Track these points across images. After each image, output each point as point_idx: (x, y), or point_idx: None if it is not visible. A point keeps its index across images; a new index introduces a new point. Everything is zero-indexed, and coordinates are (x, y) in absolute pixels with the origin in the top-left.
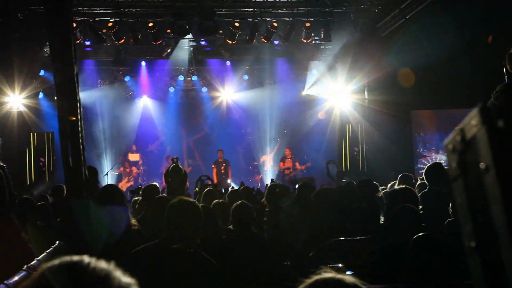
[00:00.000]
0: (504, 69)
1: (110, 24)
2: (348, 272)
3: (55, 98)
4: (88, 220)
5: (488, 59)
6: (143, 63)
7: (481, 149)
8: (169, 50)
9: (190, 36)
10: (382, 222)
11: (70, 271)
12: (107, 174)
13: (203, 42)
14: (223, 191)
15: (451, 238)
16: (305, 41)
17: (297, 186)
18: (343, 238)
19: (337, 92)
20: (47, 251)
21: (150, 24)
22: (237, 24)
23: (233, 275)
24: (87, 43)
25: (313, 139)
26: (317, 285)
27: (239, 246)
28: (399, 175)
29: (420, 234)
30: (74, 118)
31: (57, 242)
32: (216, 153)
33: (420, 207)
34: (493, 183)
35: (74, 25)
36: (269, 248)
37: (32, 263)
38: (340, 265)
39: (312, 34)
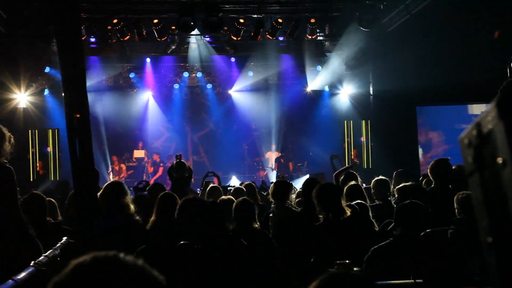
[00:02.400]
0: (511, 64)
1: (115, 21)
2: (355, 268)
3: (63, 95)
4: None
5: (494, 54)
6: (148, 59)
7: (499, 144)
8: (173, 47)
9: (197, 31)
10: None
11: (104, 265)
12: (112, 171)
13: (207, 39)
14: None
15: (458, 234)
16: (310, 37)
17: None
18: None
19: (341, 88)
20: (55, 247)
21: (155, 21)
22: (242, 20)
23: (239, 271)
24: (92, 40)
25: (318, 134)
26: (330, 280)
27: (242, 243)
28: (394, 172)
29: (428, 230)
30: (78, 116)
31: (64, 238)
32: (219, 153)
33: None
34: (511, 177)
35: None
36: (274, 244)
37: (40, 258)
38: (348, 261)
39: (317, 30)
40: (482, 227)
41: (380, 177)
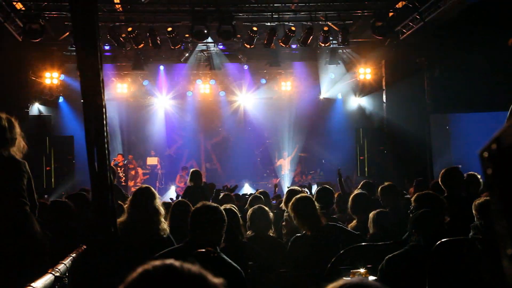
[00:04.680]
0: None
1: (129, 29)
2: (371, 277)
3: (82, 102)
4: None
5: (509, 62)
6: (162, 67)
7: None
8: (187, 55)
9: (210, 39)
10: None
11: (168, 273)
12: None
13: (221, 47)
14: None
15: (474, 243)
16: (323, 45)
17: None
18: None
19: (354, 95)
20: (71, 254)
21: (169, 29)
22: (255, 29)
23: (255, 279)
24: (106, 47)
25: (331, 142)
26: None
27: (257, 250)
28: (415, 180)
29: (443, 239)
30: (96, 126)
31: (80, 244)
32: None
33: None
34: None
35: None
36: (287, 251)
37: (58, 266)
38: (363, 270)
39: (330, 38)
40: (502, 239)
41: (386, 183)
